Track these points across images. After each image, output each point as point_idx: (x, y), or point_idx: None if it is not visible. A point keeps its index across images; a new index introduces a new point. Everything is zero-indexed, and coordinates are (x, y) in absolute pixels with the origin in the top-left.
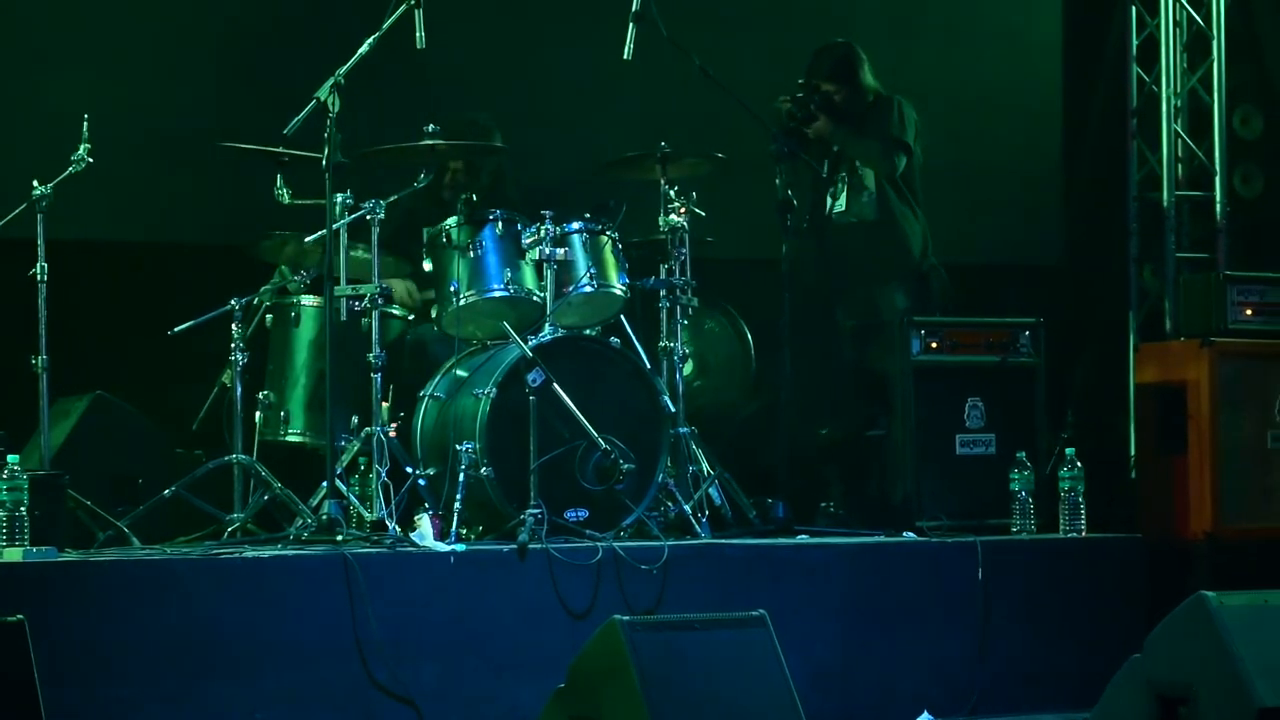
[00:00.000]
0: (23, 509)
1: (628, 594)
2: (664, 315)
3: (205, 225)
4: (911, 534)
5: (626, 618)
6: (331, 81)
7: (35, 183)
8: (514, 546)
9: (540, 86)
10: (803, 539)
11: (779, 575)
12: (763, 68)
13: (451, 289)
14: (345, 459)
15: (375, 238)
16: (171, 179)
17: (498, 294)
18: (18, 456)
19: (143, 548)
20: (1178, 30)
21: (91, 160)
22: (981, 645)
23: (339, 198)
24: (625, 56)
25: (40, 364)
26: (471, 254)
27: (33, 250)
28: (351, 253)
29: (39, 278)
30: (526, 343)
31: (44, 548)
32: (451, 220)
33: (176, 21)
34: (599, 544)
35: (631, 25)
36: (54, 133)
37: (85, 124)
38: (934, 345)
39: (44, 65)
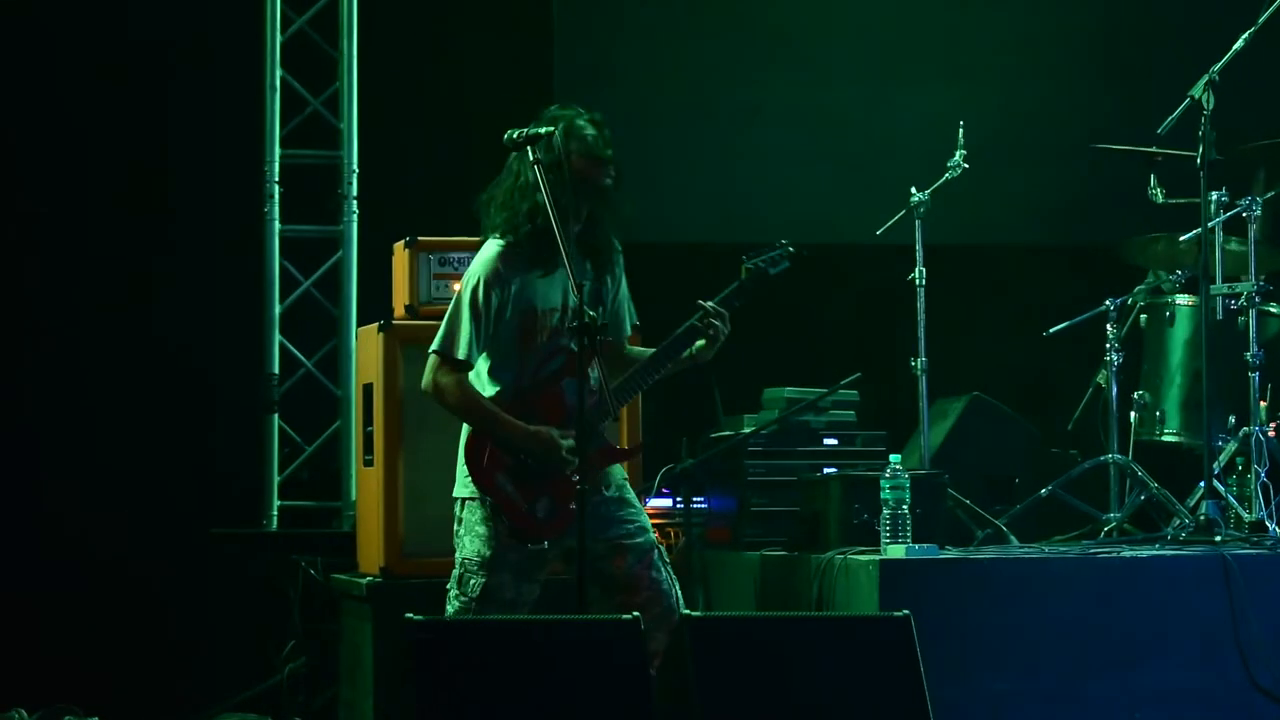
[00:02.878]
0: (905, 507)
1: None
2: None
3: (1079, 227)
4: None
5: None
6: (1206, 78)
7: (913, 189)
8: None
9: None
10: None
11: None
12: None
13: None
14: (1222, 459)
15: (1252, 235)
16: (1044, 181)
17: None
18: (899, 456)
19: (1020, 546)
20: None
21: (967, 166)
22: None
23: (1214, 195)
24: None
25: (920, 366)
26: None
27: (912, 255)
28: (1225, 246)
29: (918, 282)
30: None
31: (925, 545)
32: None
33: (1050, 25)
34: None
35: None
36: (931, 140)
37: (961, 130)
38: None
39: (923, 75)
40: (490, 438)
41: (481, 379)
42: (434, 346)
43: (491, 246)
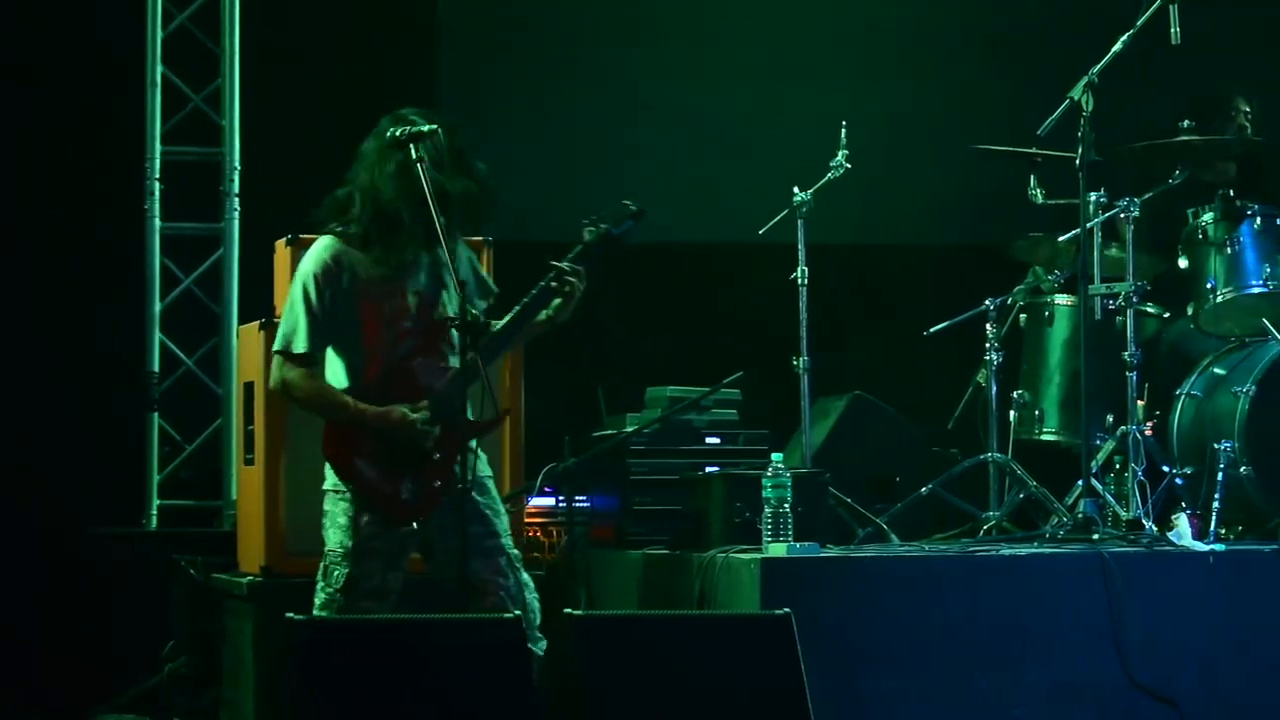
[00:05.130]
0: (786, 506)
1: None
2: None
3: (959, 227)
4: None
5: None
6: (1085, 80)
7: (796, 189)
8: (1275, 546)
9: None
10: None
11: None
12: None
13: (1208, 286)
14: (1100, 457)
15: (1130, 236)
16: (926, 182)
17: (1256, 290)
18: (781, 455)
19: (901, 544)
20: None
21: (849, 165)
22: None
23: (1092, 196)
24: None
25: (801, 365)
26: (1229, 250)
27: (794, 254)
28: (1105, 252)
29: (800, 281)
30: None
31: (807, 543)
32: (1208, 216)
33: (932, 26)
34: None
35: None
36: (813, 140)
37: (843, 130)
38: None
39: (806, 74)
40: (344, 425)
41: (336, 375)
42: (275, 346)
43: (324, 240)
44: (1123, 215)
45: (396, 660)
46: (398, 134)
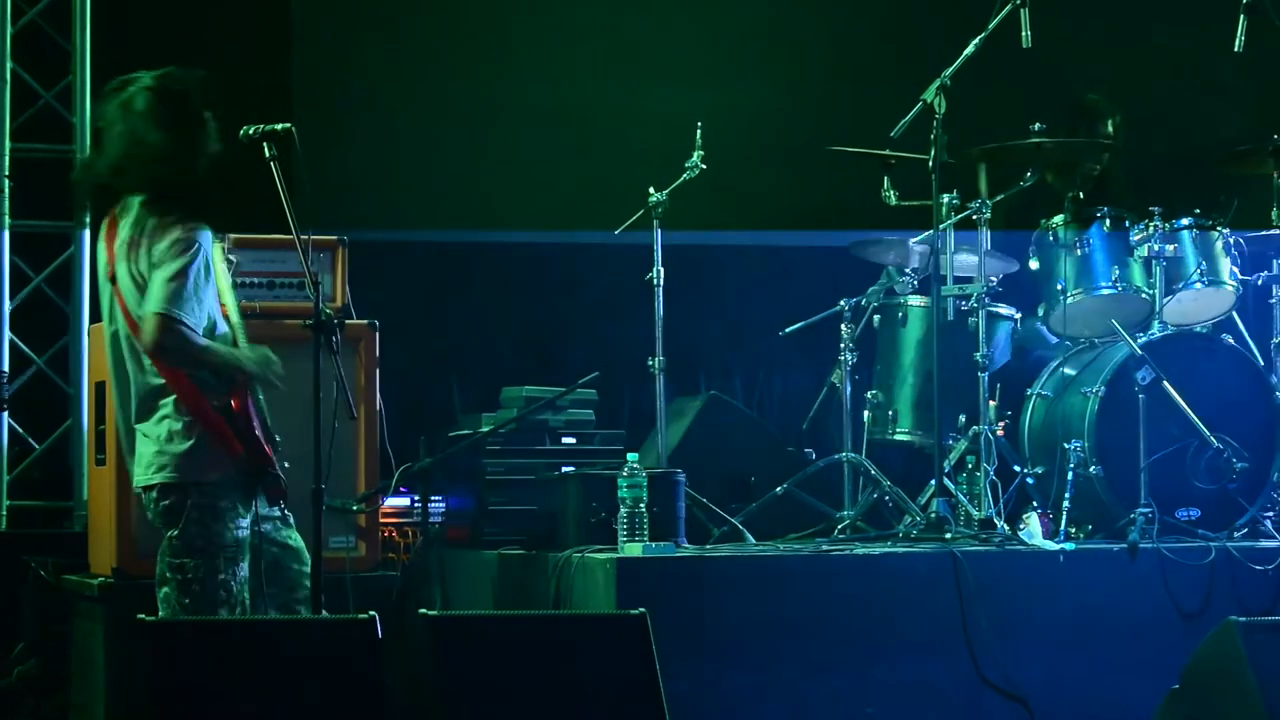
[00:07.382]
0: (642, 505)
1: (1242, 595)
2: (1278, 311)
3: (815, 227)
4: None
5: (1243, 619)
6: (937, 83)
7: (651, 189)
8: (1124, 545)
9: (1143, 80)
10: None
11: None
12: None
13: (1058, 287)
14: (953, 457)
15: (982, 237)
16: (780, 182)
17: (1105, 292)
18: (637, 455)
19: (756, 544)
20: None
21: (704, 166)
22: None
23: (945, 198)
24: (1236, 49)
25: (657, 365)
26: (1079, 252)
27: (650, 254)
28: (956, 256)
29: (655, 281)
30: (1136, 340)
31: (662, 543)
32: (1058, 218)
33: (784, 28)
34: (1212, 544)
35: (1243, 17)
36: (668, 140)
37: (699, 130)
38: None
39: (658, 75)
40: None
41: None
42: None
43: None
44: (974, 217)
45: (248, 661)
46: (250, 132)
